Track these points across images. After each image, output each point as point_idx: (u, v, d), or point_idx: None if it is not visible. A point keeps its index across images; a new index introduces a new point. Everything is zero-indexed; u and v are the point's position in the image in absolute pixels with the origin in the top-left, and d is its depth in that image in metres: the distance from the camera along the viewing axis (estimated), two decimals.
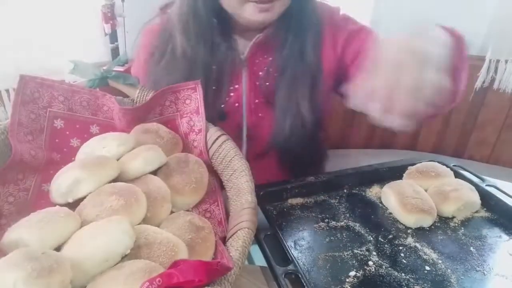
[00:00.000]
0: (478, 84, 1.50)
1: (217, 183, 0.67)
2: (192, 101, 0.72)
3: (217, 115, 0.83)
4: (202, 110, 0.71)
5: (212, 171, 0.68)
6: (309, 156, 0.91)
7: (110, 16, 1.44)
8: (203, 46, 0.80)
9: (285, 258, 0.58)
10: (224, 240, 0.54)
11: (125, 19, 1.48)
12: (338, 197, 0.77)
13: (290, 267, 0.56)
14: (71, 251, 0.44)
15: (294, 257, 0.58)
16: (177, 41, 0.80)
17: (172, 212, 0.58)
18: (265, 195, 0.71)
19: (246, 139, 0.90)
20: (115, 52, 1.51)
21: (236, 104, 0.86)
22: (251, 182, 0.59)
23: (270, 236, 0.62)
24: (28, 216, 0.48)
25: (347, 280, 0.56)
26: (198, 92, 0.71)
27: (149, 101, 0.71)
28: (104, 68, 0.75)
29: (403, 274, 0.58)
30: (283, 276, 0.54)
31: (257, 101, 0.87)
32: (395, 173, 0.82)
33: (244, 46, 0.85)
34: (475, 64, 1.51)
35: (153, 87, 0.75)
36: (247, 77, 0.86)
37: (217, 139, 0.68)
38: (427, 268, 0.59)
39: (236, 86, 0.86)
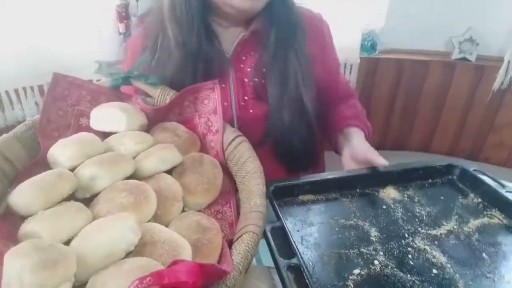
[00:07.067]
0: (496, 85, 1.43)
1: (232, 185, 0.67)
2: (210, 101, 0.72)
3: None
4: (219, 110, 0.71)
5: (228, 173, 0.68)
6: (305, 147, 0.91)
7: (124, 15, 1.48)
8: (196, 34, 0.80)
9: (290, 252, 0.58)
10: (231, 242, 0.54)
11: None
12: (350, 196, 0.75)
13: (293, 260, 0.55)
14: (77, 245, 0.45)
15: (298, 251, 0.58)
16: (169, 31, 0.81)
17: (184, 211, 0.59)
18: (276, 190, 0.71)
19: None
20: None
21: (225, 103, 0.86)
22: (262, 185, 0.58)
23: (277, 229, 0.62)
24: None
25: (350, 277, 0.56)
26: (216, 92, 0.71)
27: (170, 103, 0.72)
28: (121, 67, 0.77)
29: (408, 276, 0.56)
30: (285, 268, 0.54)
31: (246, 98, 0.87)
32: (409, 175, 0.80)
33: (228, 45, 0.86)
34: (493, 65, 1.44)
35: None
36: (233, 75, 0.86)
37: (233, 140, 0.68)
38: (435, 271, 0.57)
39: (223, 85, 0.85)
